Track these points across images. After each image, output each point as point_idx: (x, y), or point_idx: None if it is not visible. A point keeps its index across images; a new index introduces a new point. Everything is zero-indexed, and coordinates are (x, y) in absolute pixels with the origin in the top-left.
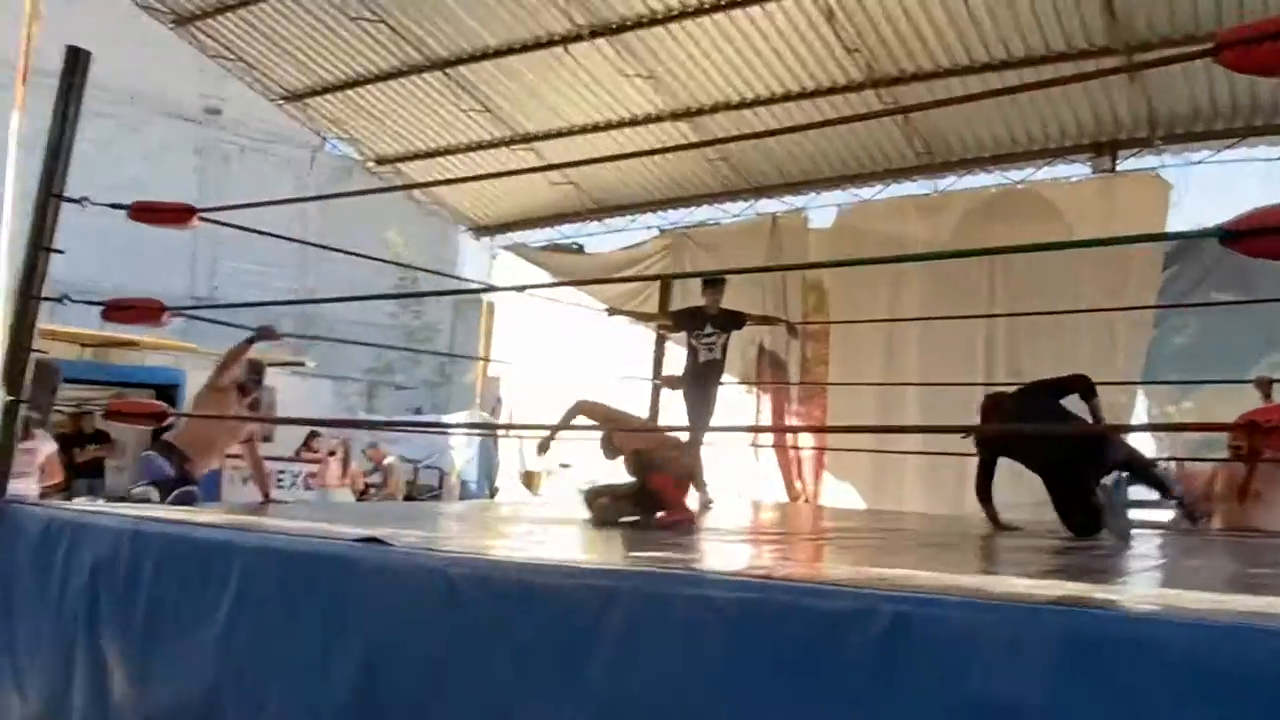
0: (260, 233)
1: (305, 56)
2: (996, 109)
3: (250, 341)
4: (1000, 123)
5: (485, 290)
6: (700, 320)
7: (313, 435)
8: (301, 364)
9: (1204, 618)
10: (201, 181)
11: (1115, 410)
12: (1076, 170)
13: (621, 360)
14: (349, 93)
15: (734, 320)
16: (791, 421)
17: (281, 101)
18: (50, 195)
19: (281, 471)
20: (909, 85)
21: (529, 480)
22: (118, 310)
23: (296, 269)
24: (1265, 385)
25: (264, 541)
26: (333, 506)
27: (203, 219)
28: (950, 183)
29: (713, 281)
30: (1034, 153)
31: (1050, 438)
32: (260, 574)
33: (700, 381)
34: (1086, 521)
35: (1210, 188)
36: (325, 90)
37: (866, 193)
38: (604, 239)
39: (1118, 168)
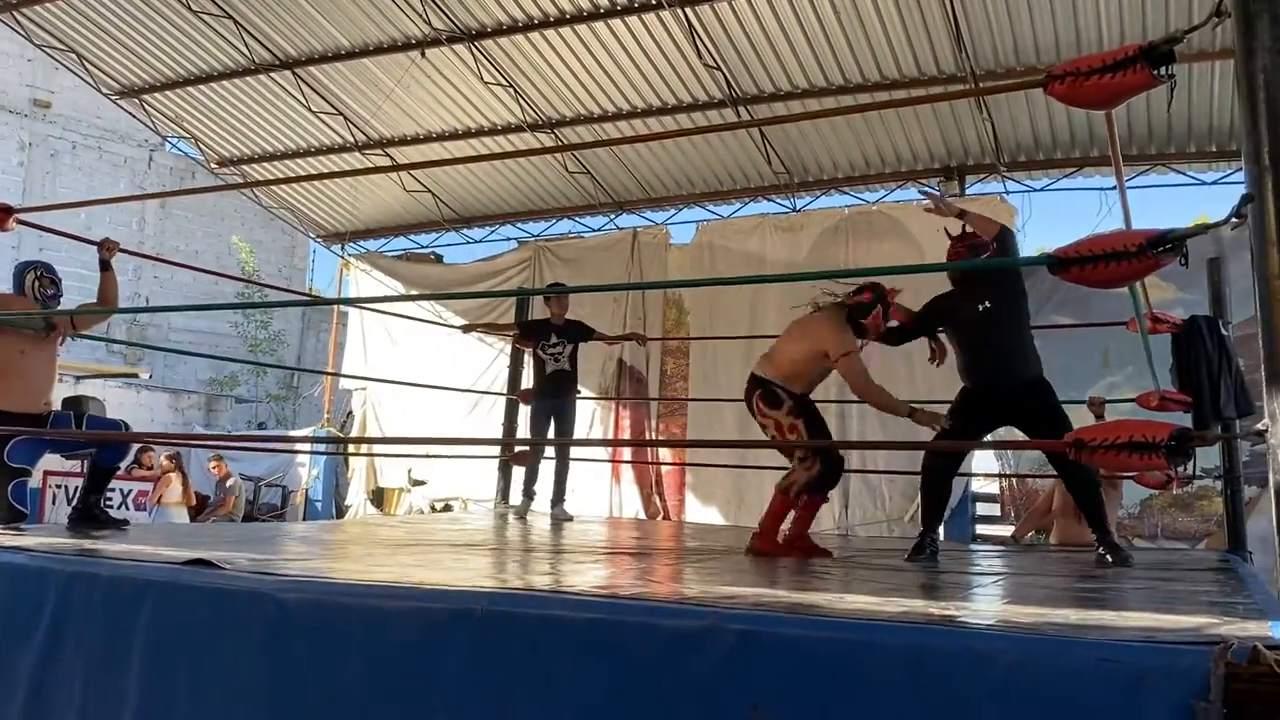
0: (79, 239)
1: (143, 50)
2: (851, 132)
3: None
4: (855, 145)
5: (334, 302)
6: (546, 331)
7: (144, 450)
8: (135, 375)
9: (1031, 631)
10: (28, 178)
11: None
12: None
13: (480, 375)
14: (190, 90)
15: (581, 331)
16: (651, 438)
17: (116, 97)
18: None
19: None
20: (767, 104)
21: (380, 498)
22: None
23: (132, 273)
24: (1098, 405)
25: (84, 567)
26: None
27: (21, 221)
28: (807, 203)
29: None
30: (886, 175)
31: None
32: (80, 601)
33: (549, 393)
34: None
35: (1051, 212)
36: (164, 86)
37: (726, 210)
38: (461, 249)
39: (965, 192)
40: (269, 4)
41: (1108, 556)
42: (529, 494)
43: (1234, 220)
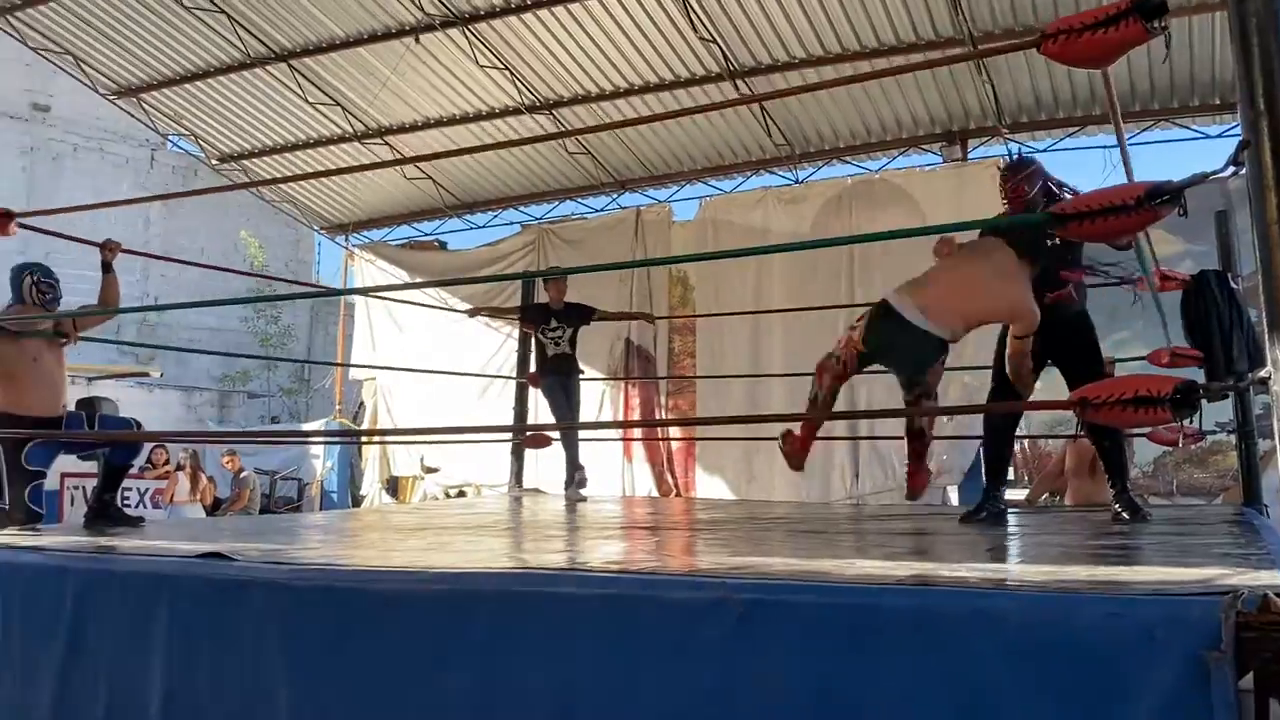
0: (82, 241)
1: (138, 48)
2: (851, 101)
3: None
4: (855, 114)
5: (344, 292)
6: (545, 315)
7: (156, 449)
8: (146, 374)
9: (1039, 590)
10: (31, 182)
11: (970, 391)
12: (929, 160)
13: (489, 359)
14: (188, 87)
15: (580, 314)
16: (660, 416)
17: (114, 97)
18: None
19: (128, 489)
20: (765, 75)
21: (395, 487)
22: None
23: (139, 272)
24: (1109, 364)
25: (100, 564)
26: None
27: (22, 225)
28: (810, 174)
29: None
30: (888, 143)
31: None
32: (99, 597)
33: (552, 376)
34: None
35: (1056, 172)
36: (162, 84)
37: (729, 185)
38: (464, 235)
39: (968, 156)
40: None
41: (1124, 513)
42: (579, 479)
43: (1232, 168)
